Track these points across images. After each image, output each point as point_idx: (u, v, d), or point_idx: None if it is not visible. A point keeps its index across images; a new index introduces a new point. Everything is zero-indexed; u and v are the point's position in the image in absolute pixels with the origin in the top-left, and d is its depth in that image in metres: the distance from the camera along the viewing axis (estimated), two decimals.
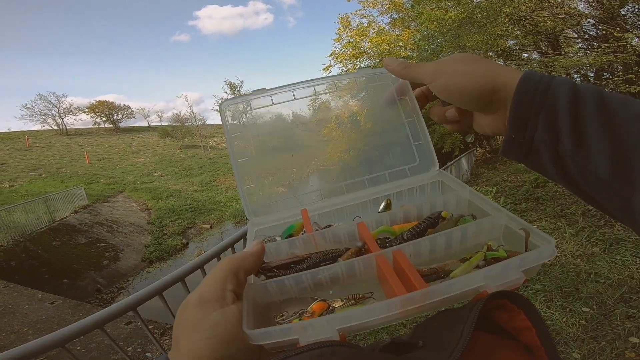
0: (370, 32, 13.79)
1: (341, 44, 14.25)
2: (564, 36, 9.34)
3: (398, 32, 13.78)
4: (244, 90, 39.37)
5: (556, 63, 7.28)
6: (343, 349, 0.30)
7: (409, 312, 0.34)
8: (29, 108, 37.16)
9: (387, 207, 0.60)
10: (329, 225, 0.58)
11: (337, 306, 0.41)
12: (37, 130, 39.05)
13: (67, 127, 40.03)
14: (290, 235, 0.57)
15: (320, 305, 0.41)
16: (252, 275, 0.44)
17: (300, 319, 0.40)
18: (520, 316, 0.34)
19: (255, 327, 0.34)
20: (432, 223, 0.48)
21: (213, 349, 0.32)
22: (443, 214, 0.48)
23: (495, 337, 0.36)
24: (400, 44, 13.16)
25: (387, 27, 14.18)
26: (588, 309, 2.73)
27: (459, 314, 0.34)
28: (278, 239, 0.57)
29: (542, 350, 0.32)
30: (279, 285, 0.43)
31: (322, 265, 0.45)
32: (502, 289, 0.34)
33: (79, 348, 4.71)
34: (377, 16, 14.31)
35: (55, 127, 39.28)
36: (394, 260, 0.42)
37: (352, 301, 0.41)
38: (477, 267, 0.40)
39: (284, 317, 0.42)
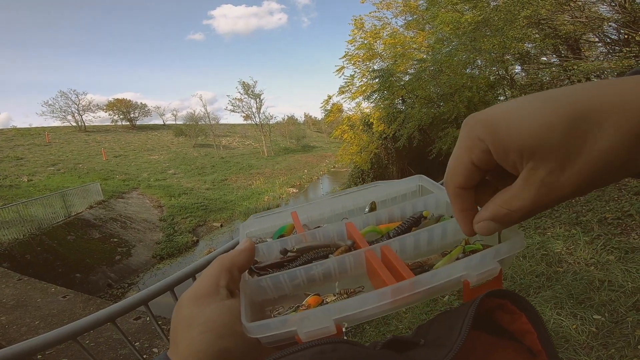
0: (384, 34, 13.75)
1: (355, 45, 14.25)
2: (585, 40, 9.09)
3: (412, 35, 13.69)
4: (257, 90, 39.67)
5: (576, 67, 7.09)
6: (344, 346, 0.30)
7: (400, 302, 0.36)
8: (50, 105, 38.19)
9: (372, 209, 0.62)
10: (318, 227, 0.58)
11: (330, 301, 0.42)
12: (57, 127, 40.11)
13: (86, 124, 41.01)
14: (282, 236, 0.57)
15: (315, 298, 0.41)
16: (246, 273, 0.45)
17: (296, 313, 0.41)
18: (522, 319, 0.34)
19: (253, 321, 0.35)
20: (415, 222, 0.50)
21: (210, 342, 0.33)
22: (424, 213, 0.51)
23: (497, 338, 0.36)
24: (415, 46, 13.06)
25: (401, 30, 14.12)
26: (599, 317, 2.70)
27: (458, 311, 0.34)
28: (269, 240, 0.57)
29: (544, 354, 0.32)
30: (274, 281, 0.44)
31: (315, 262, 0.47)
32: (481, 278, 0.36)
33: (87, 342, 4.79)
34: (391, 18, 14.27)
35: (74, 124, 40.25)
36: (382, 254, 0.44)
37: (345, 295, 0.42)
38: (457, 259, 0.42)
39: (279, 313, 0.43)
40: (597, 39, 8.74)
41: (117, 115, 45.45)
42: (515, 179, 0.28)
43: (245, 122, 46.60)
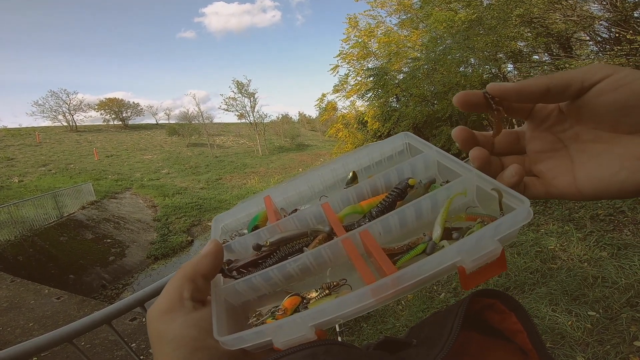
0: (379, 33, 13.78)
1: (349, 44, 14.27)
2: (576, 38, 9.19)
3: (406, 33, 13.73)
4: (251, 89, 39.50)
5: (567, 66, 7.16)
6: (336, 348, 0.30)
7: (384, 299, 0.32)
8: (40, 104, 37.56)
9: (354, 179, 0.55)
10: (296, 210, 0.54)
11: (312, 297, 0.39)
12: (48, 127, 39.52)
13: (77, 124, 40.46)
14: (256, 227, 0.53)
15: (293, 300, 0.38)
16: (221, 277, 0.43)
17: (274, 318, 0.38)
18: (512, 319, 0.35)
19: (229, 331, 0.34)
20: (400, 194, 0.44)
21: (185, 358, 0.32)
22: (410, 181, 0.44)
23: (489, 338, 0.36)
24: (409, 44, 13.10)
25: (395, 28, 14.16)
26: (594, 313, 2.71)
27: (449, 311, 0.35)
28: (245, 232, 0.54)
29: (535, 352, 0.33)
30: (249, 284, 0.41)
31: (290, 258, 0.42)
32: (479, 263, 0.31)
33: (83, 343, 4.74)
34: (386, 17, 14.30)
35: (65, 124, 39.67)
36: (362, 242, 0.39)
37: (327, 291, 0.39)
38: (452, 235, 0.37)
39: (256, 318, 0.40)
40: (588, 38, 8.84)
41: (109, 115, 44.91)
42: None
43: (239, 121, 46.32)
